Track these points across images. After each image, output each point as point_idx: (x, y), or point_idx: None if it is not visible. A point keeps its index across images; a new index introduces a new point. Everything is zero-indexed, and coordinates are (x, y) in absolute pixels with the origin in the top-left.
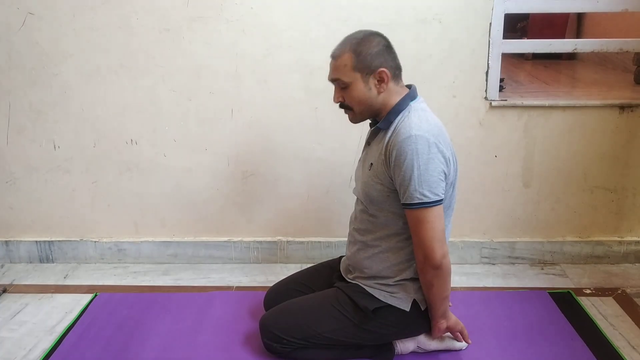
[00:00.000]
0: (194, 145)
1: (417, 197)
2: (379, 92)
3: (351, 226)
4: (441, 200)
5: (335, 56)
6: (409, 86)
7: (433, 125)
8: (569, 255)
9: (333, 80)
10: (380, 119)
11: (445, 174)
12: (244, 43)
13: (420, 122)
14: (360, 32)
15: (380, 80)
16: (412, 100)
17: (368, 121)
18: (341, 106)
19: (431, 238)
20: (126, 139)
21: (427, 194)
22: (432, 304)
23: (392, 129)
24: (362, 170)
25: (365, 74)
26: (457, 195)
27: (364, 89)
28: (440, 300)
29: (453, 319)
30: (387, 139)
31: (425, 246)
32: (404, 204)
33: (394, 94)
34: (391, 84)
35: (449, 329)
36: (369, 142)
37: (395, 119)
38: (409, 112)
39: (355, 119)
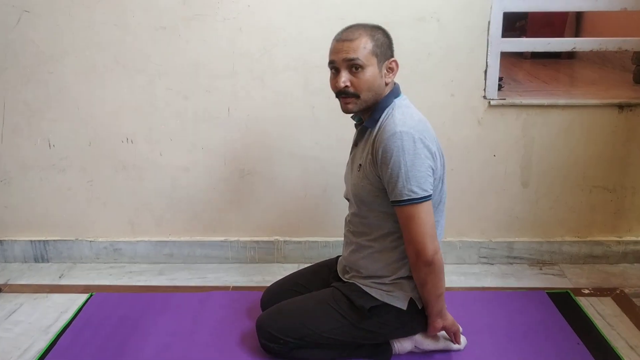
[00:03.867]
0: (190, 143)
1: (406, 194)
2: (386, 82)
3: (346, 228)
4: (430, 195)
5: (351, 38)
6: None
7: (417, 121)
8: (568, 255)
9: (350, 60)
10: (368, 116)
11: (432, 169)
12: (240, 41)
13: (404, 118)
14: (364, 23)
15: (390, 70)
16: (395, 98)
17: (353, 122)
18: (341, 93)
19: (422, 234)
20: (122, 137)
21: (416, 189)
22: (427, 302)
23: (377, 127)
24: (351, 172)
25: (380, 60)
26: (455, 194)
27: (378, 75)
28: (435, 297)
29: (450, 319)
30: (373, 137)
31: (416, 242)
32: (393, 202)
33: (388, 89)
34: (393, 78)
35: (445, 328)
36: (356, 143)
37: (380, 116)
38: (393, 109)
39: (356, 106)
